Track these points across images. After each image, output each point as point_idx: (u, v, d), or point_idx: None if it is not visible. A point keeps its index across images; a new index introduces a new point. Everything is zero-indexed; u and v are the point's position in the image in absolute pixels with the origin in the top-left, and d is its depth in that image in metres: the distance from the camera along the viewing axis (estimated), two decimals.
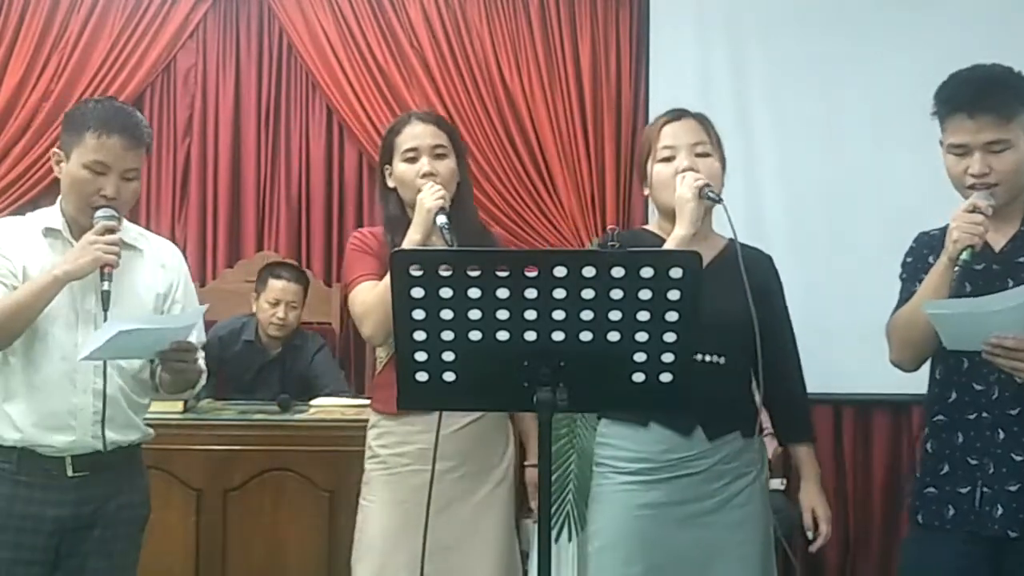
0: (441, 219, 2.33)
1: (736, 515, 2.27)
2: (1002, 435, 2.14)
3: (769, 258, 2.43)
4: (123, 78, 4.72)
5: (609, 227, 4.20)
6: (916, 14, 4.34)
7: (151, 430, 2.48)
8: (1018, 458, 2.12)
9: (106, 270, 2.23)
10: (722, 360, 2.28)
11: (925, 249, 2.29)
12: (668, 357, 1.71)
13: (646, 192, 2.41)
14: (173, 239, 4.73)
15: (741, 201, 4.45)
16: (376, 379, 2.56)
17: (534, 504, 2.58)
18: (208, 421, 3.52)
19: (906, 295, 2.27)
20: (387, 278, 2.32)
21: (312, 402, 3.81)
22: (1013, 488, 2.12)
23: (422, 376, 1.73)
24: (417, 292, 1.66)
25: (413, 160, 2.46)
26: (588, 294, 1.65)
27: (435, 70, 4.65)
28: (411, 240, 2.36)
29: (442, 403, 2.00)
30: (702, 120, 2.40)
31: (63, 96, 4.65)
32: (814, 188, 4.41)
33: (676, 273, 1.65)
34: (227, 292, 4.49)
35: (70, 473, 2.29)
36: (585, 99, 4.63)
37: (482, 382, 1.76)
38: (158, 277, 2.44)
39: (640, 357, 1.71)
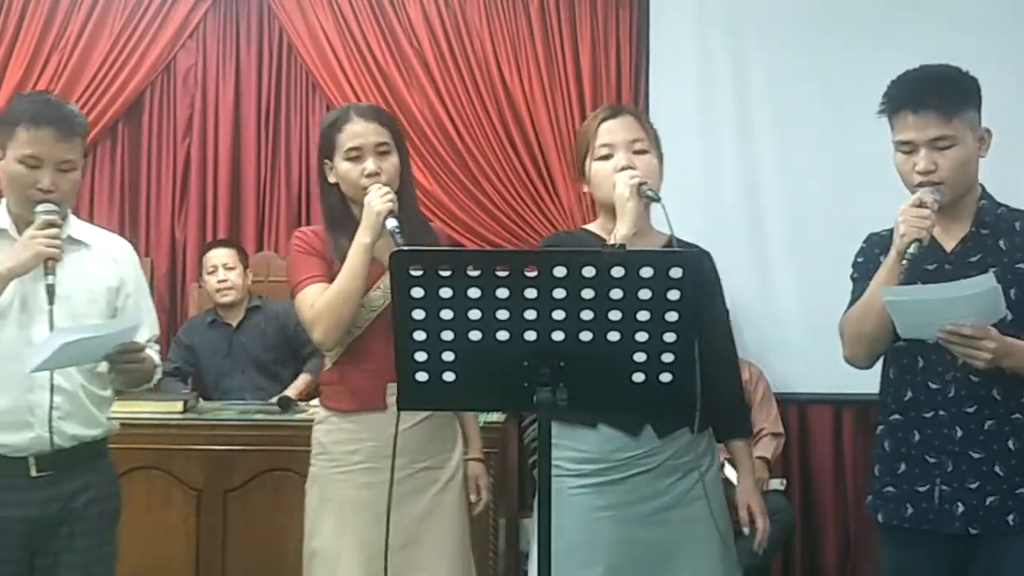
0: (391, 223, 2.30)
1: (691, 510, 2.27)
2: (960, 433, 2.15)
3: (707, 255, 2.37)
4: (123, 78, 4.73)
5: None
6: (916, 14, 4.34)
7: (115, 423, 2.48)
8: (976, 456, 2.14)
9: (49, 264, 2.23)
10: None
11: (876, 248, 2.31)
12: (668, 357, 1.70)
13: (585, 189, 2.40)
14: (173, 239, 4.83)
15: (741, 201, 4.48)
16: (323, 376, 2.53)
17: (474, 498, 2.58)
18: (208, 421, 3.52)
19: (858, 294, 2.28)
20: (337, 281, 2.34)
21: (312, 402, 3.81)
22: (973, 486, 2.13)
23: (422, 376, 1.73)
24: (417, 292, 1.66)
25: (357, 159, 2.42)
26: (588, 294, 1.65)
27: (435, 70, 4.66)
28: (361, 243, 2.33)
29: (442, 403, 2.00)
30: (639, 117, 2.40)
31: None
32: (814, 188, 4.41)
33: (676, 273, 1.65)
34: None
35: (33, 473, 2.29)
36: (585, 99, 4.63)
37: (482, 382, 1.76)
38: (109, 271, 2.43)
39: (640, 357, 1.70)
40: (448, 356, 1.71)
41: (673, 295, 1.66)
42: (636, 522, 2.25)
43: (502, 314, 1.66)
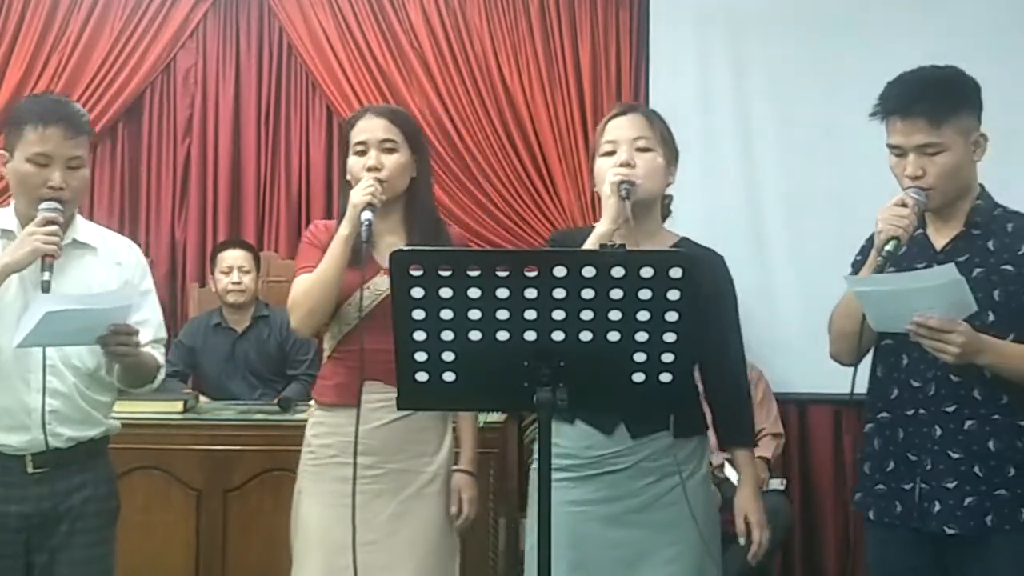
0: (365, 215, 2.32)
1: (665, 515, 2.23)
2: (939, 432, 2.16)
3: (720, 259, 2.36)
4: (123, 78, 4.73)
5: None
6: (916, 14, 4.34)
7: (116, 423, 2.48)
8: (955, 455, 2.14)
9: (47, 260, 2.23)
10: None
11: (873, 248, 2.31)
12: (668, 357, 1.71)
13: (596, 188, 2.38)
14: (173, 239, 4.83)
15: (741, 201, 4.48)
16: (320, 370, 2.57)
17: (454, 510, 2.51)
18: (208, 421, 3.52)
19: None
20: (315, 271, 2.37)
21: (312, 402, 3.82)
22: (950, 485, 2.14)
23: (422, 376, 1.73)
24: (417, 292, 1.66)
25: (362, 153, 2.45)
26: (588, 294, 1.65)
27: (435, 70, 4.66)
28: (339, 235, 2.36)
29: (442, 403, 2.00)
30: (649, 115, 2.38)
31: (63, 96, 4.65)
32: (814, 188, 4.41)
33: (676, 273, 1.65)
34: None
35: (30, 470, 2.30)
36: (585, 99, 4.63)
37: (482, 382, 1.76)
38: (112, 275, 2.43)
39: (640, 357, 1.71)
40: (448, 356, 1.71)
41: (673, 295, 1.66)
42: (605, 520, 2.23)
43: (502, 314, 1.66)
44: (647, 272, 1.64)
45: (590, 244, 2.18)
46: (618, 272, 1.64)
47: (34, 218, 2.31)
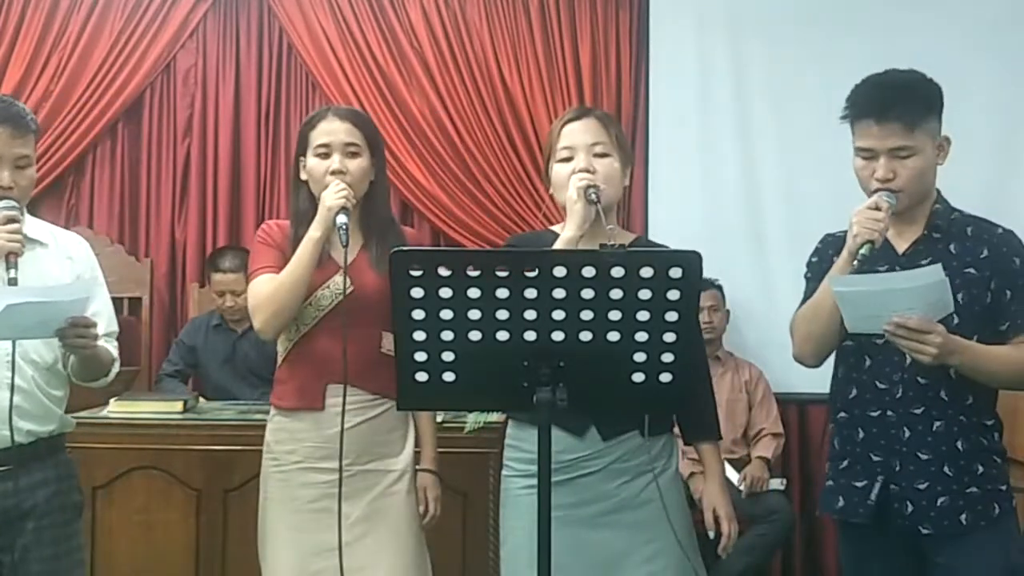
0: (341, 218, 2.33)
1: (640, 514, 2.24)
2: (907, 433, 2.17)
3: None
4: (123, 78, 4.73)
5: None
6: (916, 14, 4.33)
7: (70, 419, 2.49)
8: (924, 457, 2.16)
9: (11, 258, 2.24)
10: None
11: (831, 249, 2.34)
12: (668, 357, 1.71)
13: (551, 192, 2.40)
14: (173, 239, 4.83)
15: (741, 201, 4.48)
16: (277, 373, 2.56)
17: (421, 509, 2.53)
18: (208, 421, 3.52)
19: (809, 293, 2.31)
20: (282, 273, 2.36)
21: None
22: (922, 486, 2.16)
23: (422, 376, 1.73)
24: (417, 292, 1.66)
25: (325, 156, 2.44)
26: (588, 294, 1.65)
27: (435, 70, 4.65)
28: (311, 237, 2.36)
29: (442, 403, 2.00)
30: (603, 119, 2.38)
31: (63, 96, 4.66)
32: (814, 188, 4.40)
33: (676, 273, 1.65)
34: None
35: None
36: (585, 99, 4.62)
37: (482, 382, 1.76)
38: (65, 269, 2.44)
39: (640, 357, 1.71)
40: (448, 356, 1.71)
41: (673, 295, 1.66)
42: (582, 524, 2.24)
43: (502, 314, 1.66)
44: (647, 272, 1.64)
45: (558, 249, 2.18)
46: (618, 272, 1.64)
47: None
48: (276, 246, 2.46)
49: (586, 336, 1.68)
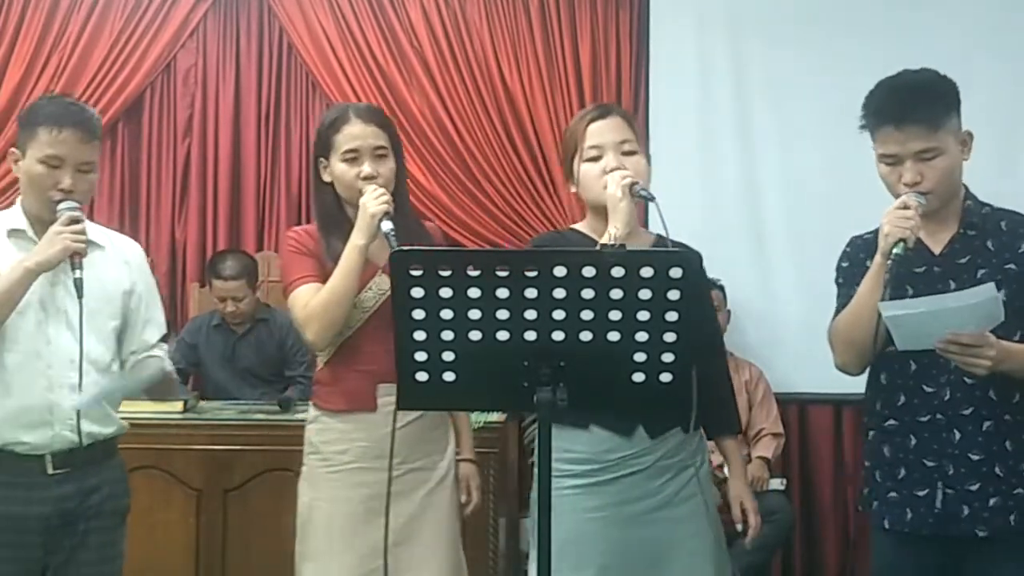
0: (387, 225, 2.30)
1: (684, 509, 2.27)
2: (958, 436, 2.15)
3: (698, 255, 2.37)
4: (123, 78, 4.73)
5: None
6: (917, 14, 4.34)
7: (125, 423, 2.50)
8: (976, 458, 2.14)
9: (75, 259, 2.26)
10: None
11: (861, 253, 2.30)
12: (668, 357, 1.71)
13: (572, 190, 2.40)
14: (173, 239, 4.83)
15: (741, 201, 4.48)
16: (317, 375, 2.53)
17: (464, 498, 2.57)
18: (208, 421, 3.52)
19: (844, 300, 2.27)
20: (330, 282, 2.34)
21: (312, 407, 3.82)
22: (974, 488, 2.13)
23: (422, 376, 1.73)
24: (417, 292, 1.66)
25: (353, 161, 2.42)
26: (588, 294, 1.65)
27: (435, 70, 4.65)
28: (355, 245, 2.33)
29: (442, 403, 2.00)
30: (626, 117, 2.40)
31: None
32: (814, 188, 4.41)
33: (676, 273, 1.65)
34: None
35: (50, 471, 2.30)
36: (585, 99, 4.62)
37: (482, 382, 1.76)
38: (123, 273, 2.47)
39: (640, 357, 1.70)
40: (448, 356, 1.71)
41: (673, 295, 1.66)
42: (628, 522, 2.25)
43: (502, 314, 1.66)
44: (647, 272, 1.64)
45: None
46: (618, 272, 1.64)
47: (43, 218, 2.34)
48: (311, 253, 2.44)
49: (586, 336, 1.68)
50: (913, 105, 2.12)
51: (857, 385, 2.54)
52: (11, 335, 2.29)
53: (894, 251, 2.06)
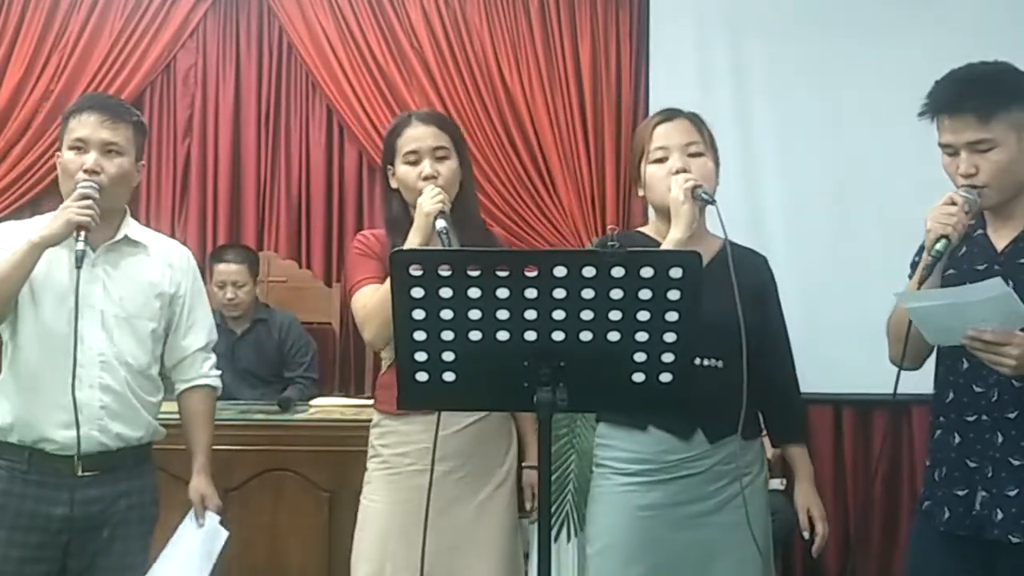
0: (440, 223, 2.31)
1: (735, 516, 2.26)
2: (1000, 439, 2.10)
3: (764, 259, 2.41)
4: (123, 78, 4.73)
5: (609, 227, 4.21)
6: (916, 14, 4.34)
7: (161, 428, 2.50)
8: (1016, 463, 2.08)
9: (81, 232, 2.25)
10: (720, 364, 2.26)
11: None
12: (668, 357, 1.70)
13: (640, 193, 2.41)
14: (173, 239, 4.81)
15: (741, 201, 4.47)
16: (380, 379, 2.56)
17: (529, 505, 2.60)
18: None
19: None
20: (387, 283, 2.32)
21: (312, 402, 3.82)
22: (1012, 493, 2.08)
23: (422, 376, 1.73)
24: (417, 292, 1.66)
25: (415, 163, 2.44)
26: (588, 294, 1.65)
27: (435, 70, 4.66)
28: (411, 243, 2.34)
29: (442, 403, 2.00)
30: (695, 119, 2.41)
31: (63, 96, 4.64)
32: (814, 188, 4.41)
33: (676, 273, 1.65)
34: None
35: (79, 472, 2.31)
36: (585, 99, 4.63)
37: (482, 382, 1.76)
38: (165, 276, 2.48)
39: (640, 357, 1.70)
40: (448, 356, 1.71)
41: (673, 295, 1.66)
42: (680, 524, 2.25)
43: (502, 314, 1.66)
44: (647, 272, 1.64)
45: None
46: (618, 272, 1.64)
47: None
48: (375, 256, 2.45)
49: (586, 336, 1.68)
50: (967, 95, 2.08)
51: (857, 385, 2.55)
52: (42, 331, 2.30)
53: (936, 248, 2.03)
